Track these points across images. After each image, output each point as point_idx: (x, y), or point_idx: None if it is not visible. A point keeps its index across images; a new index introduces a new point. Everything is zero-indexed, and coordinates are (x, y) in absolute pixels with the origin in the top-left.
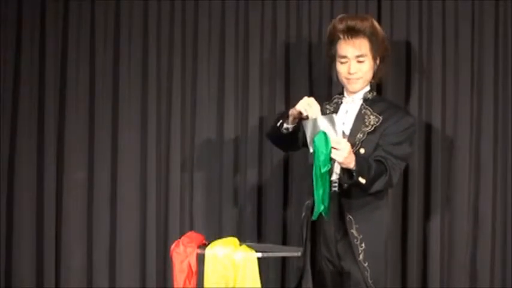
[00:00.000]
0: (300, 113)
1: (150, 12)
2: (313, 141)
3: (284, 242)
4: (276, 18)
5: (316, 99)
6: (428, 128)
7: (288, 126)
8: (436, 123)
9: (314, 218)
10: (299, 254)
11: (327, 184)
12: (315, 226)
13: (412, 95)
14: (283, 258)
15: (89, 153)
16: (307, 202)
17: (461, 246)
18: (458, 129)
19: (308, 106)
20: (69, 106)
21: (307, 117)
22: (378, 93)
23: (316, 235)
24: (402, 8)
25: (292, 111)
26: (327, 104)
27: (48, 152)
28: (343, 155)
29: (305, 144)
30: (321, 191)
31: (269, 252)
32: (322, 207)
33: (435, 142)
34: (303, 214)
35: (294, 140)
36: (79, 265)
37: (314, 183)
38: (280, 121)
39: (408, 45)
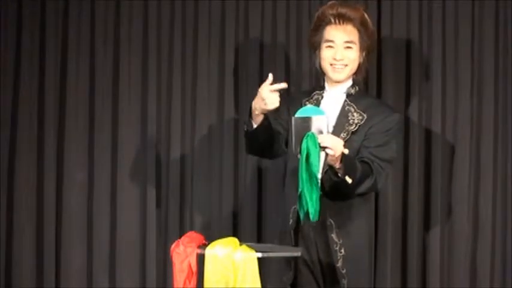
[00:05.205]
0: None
1: (150, 12)
2: (301, 142)
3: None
4: (276, 19)
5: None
6: (428, 129)
7: (255, 125)
8: (436, 123)
9: (313, 219)
10: (299, 254)
11: (318, 186)
12: (296, 230)
13: (412, 95)
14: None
15: (89, 153)
16: (293, 207)
17: (461, 246)
18: (458, 130)
19: (264, 101)
20: (69, 106)
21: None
22: (378, 93)
23: (296, 238)
24: (402, 8)
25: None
26: (306, 100)
27: (48, 152)
28: (339, 150)
29: (285, 145)
30: (315, 195)
31: (269, 252)
32: (315, 212)
33: (435, 143)
34: (291, 221)
35: (274, 141)
36: (79, 265)
37: (307, 187)
38: (245, 126)
39: (408, 45)
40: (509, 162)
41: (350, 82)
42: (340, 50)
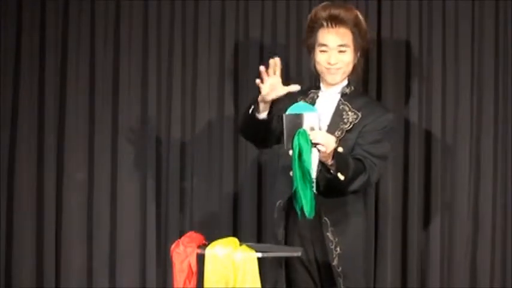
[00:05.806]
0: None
1: (150, 12)
2: (292, 139)
3: (285, 242)
4: (276, 19)
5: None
6: (428, 129)
7: (260, 115)
8: (436, 123)
9: (309, 216)
10: (299, 254)
11: (312, 183)
12: (290, 228)
13: (412, 96)
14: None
15: (89, 153)
16: (278, 202)
17: (461, 246)
18: (458, 130)
19: (271, 91)
20: (69, 106)
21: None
22: (378, 93)
23: (293, 237)
24: (402, 8)
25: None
26: (301, 98)
27: (48, 152)
28: (331, 146)
29: (279, 141)
30: (309, 192)
31: (269, 252)
32: (310, 209)
33: (435, 143)
34: (276, 216)
35: (269, 131)
36: (79, 265)
37: (301, 184)
38: (252, 107)
39: (408, 45)
40: (509, 162)
41: (345, 82)
42: (334, 54)
